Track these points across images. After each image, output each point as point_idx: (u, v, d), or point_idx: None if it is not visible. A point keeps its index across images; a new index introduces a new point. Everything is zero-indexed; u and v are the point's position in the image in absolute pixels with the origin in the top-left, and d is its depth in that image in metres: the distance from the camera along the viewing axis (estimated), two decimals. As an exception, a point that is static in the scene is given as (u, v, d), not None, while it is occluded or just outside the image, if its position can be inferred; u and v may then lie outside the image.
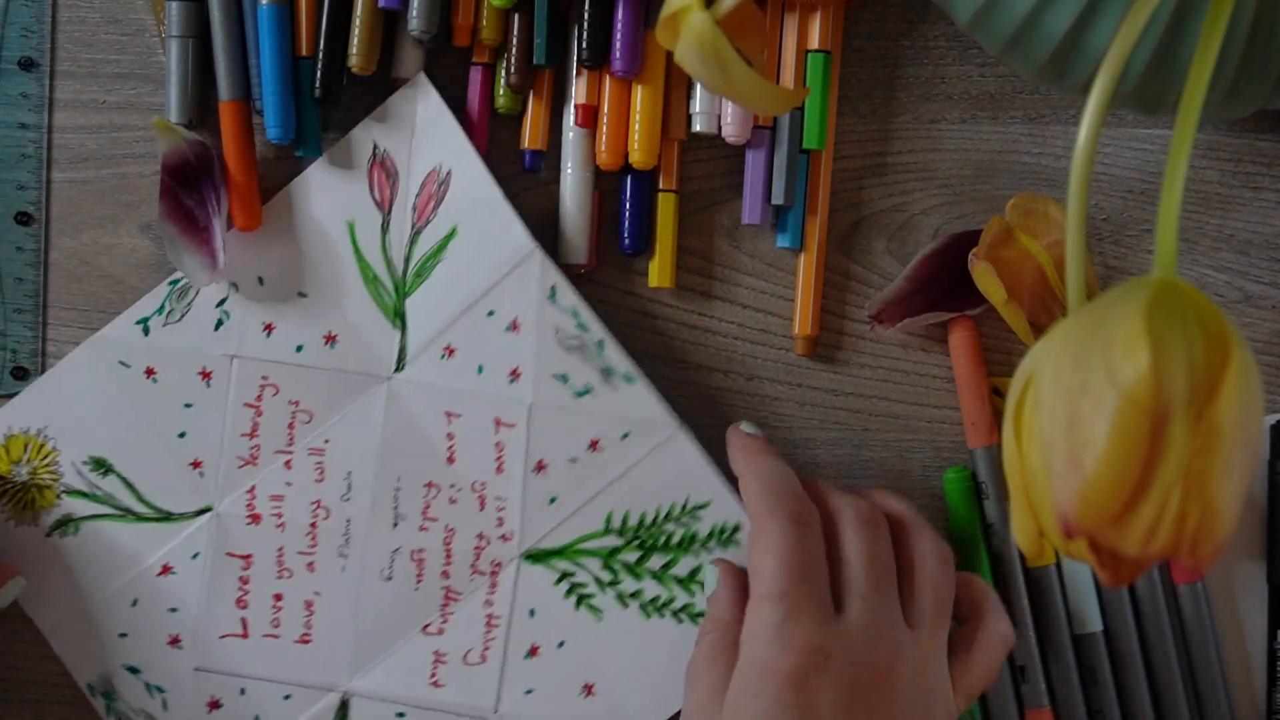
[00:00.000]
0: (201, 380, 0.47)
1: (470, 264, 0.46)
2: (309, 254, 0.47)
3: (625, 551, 0.46)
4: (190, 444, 0.47)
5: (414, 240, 0.46)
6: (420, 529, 0.46)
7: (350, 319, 0.47)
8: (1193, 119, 0.33)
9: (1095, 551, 0.30)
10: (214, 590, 0.46)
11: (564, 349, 0.46)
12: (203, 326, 0.47)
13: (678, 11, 0.37)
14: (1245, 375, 0.29)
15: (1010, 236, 0.47)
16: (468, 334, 0.46)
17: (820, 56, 0.47)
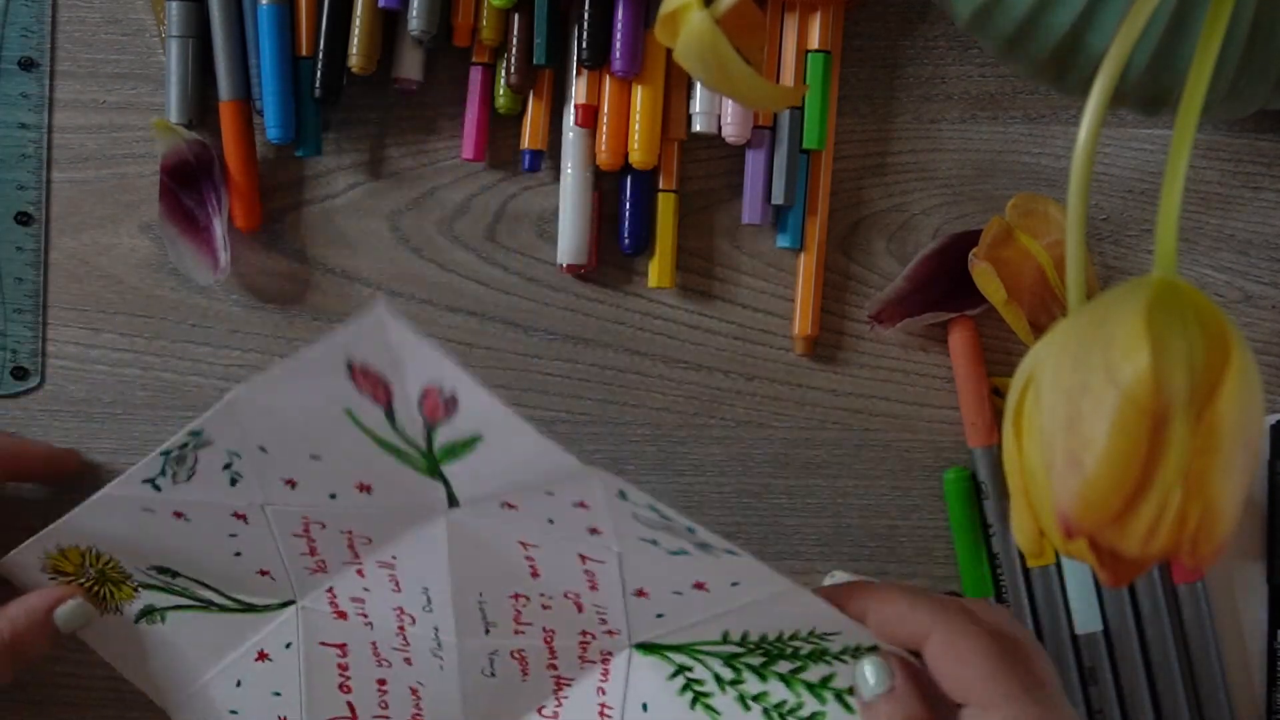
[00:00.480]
0: (238, 520, 0.41)
1: (512, 463, 0.36)
2: (309, 429, 0.37)
3: (749, 656, 0.39)
4: (249, 560, 0.42)
5: (432, 432, 0.36)
6: (516, 633, 0.41)
7: (381, 475, 0.38)
8: (1193, 119, 0.33)
9: (1095, 551, 0.30)
10: (314, 677, 0.44)
11: (649, 526, 0.36)
12: (216, 486, 0.40)
13: (677, 10, 0.37)
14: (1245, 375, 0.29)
15: (1010, 236, 0.47)
16: (529, 500, 0.37)
17: (820, 56, 0.47)
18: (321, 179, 0.49)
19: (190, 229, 0.47)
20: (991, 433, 0.48)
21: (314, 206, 0.49)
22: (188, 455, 0.39)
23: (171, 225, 0.47)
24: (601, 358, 0.49)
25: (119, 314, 0.49)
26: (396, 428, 0.36)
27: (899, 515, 0.49)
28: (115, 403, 0.48)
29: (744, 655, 0.39)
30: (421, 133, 0.49)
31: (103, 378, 0.48)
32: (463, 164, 0.49)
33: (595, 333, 0.49)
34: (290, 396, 0.36)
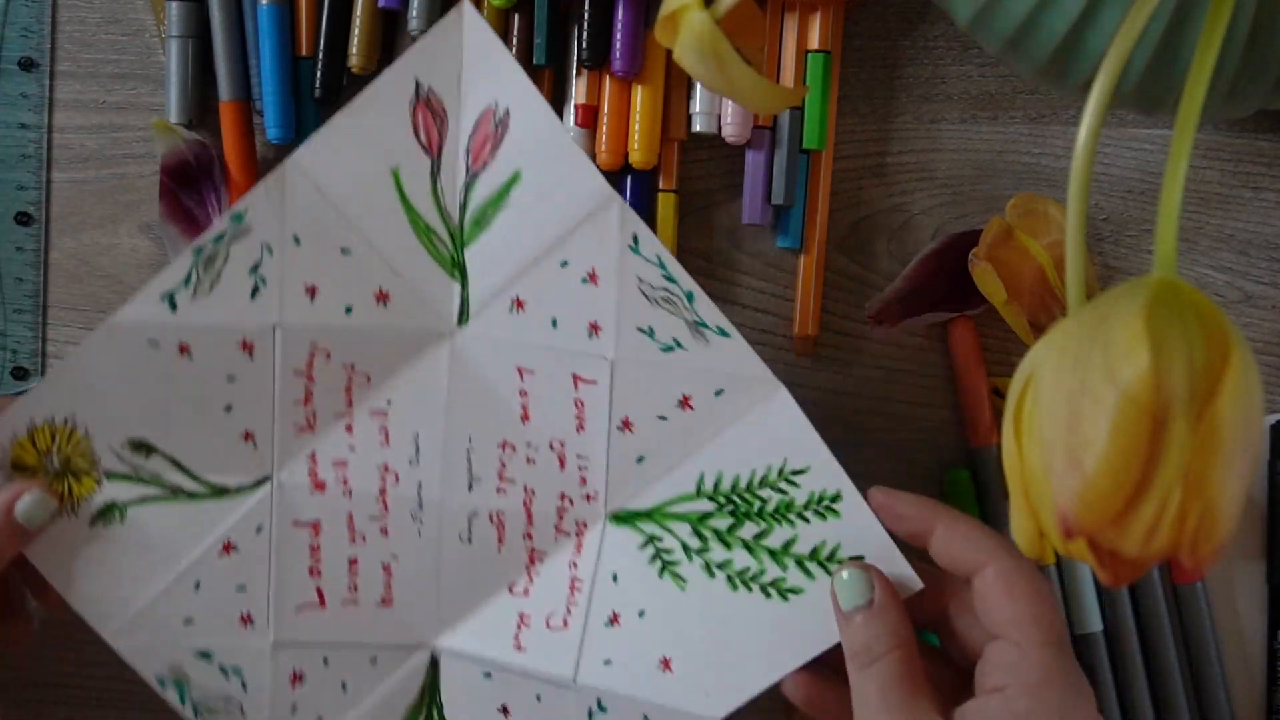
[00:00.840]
0: (243, 353, 0.41)
1: (538, 212, 0.40)
2: (348, 207, 0.41)
3: (716, 517, 0.41)
4: (238, 416, 0.42)
5: (470, 187, 0.41)
6: (498, 491, 0.43)
7: (403, 273, 0.42)
8: (1193, 119, 0.33)
9: (1095, 551, 0.30)
10: (283, 563, 0.43)
11: (649, 301, 0.40)
12: (237, 295, 0.41)
13: (676, 10, 0.37)
14: (1245, 375, 0.29)
15: (1010, 236, 0.47)
16: (539, 286, 0.41)
17: (820, 56, 0.47)
18: (321, 179, 0.49)
19: (190, 229, 0.47)
20: (991, 433, 0.47)
21: (314, 206, 0.49)
22: (220, 251, 0.40)
23: (171, 225, 0.47)
24: (601, 358, 0.49)
25: (119, 313, 0.49)
26: (437, 192, 0.41)
27: (899, 515, 0.49)
28: (115, 403, 0.48)
29: (712, 517, 0.41)
30: (421, 133, 0.49)
31: (103, 378, 0.48)
32: (463, 164, 0.49)
33: (595, 333, 0.49)
34: (344, 156, 0.40)
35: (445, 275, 0.42)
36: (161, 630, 0.43)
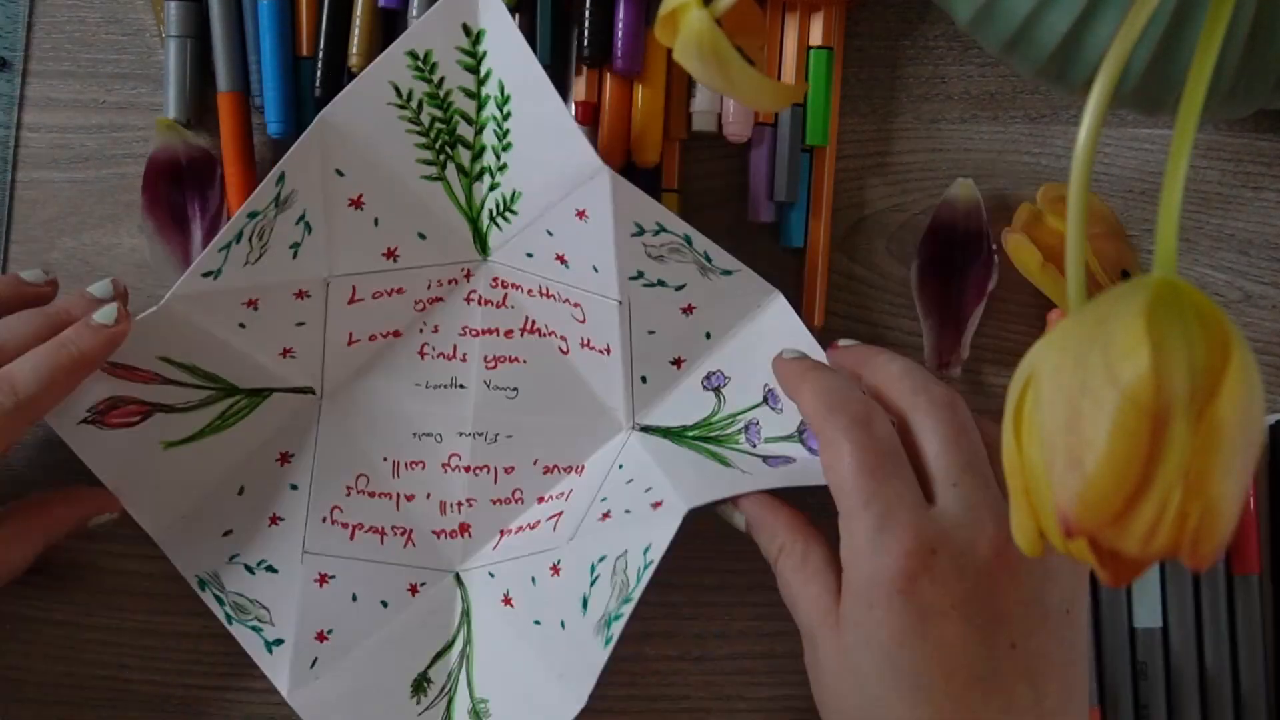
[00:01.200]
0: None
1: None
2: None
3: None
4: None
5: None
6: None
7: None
8: (1193, 119, 0.33)
9: (1095, 551, 0.30)
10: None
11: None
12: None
13: (676, 9, 0.37)
14: (1245, 375, 0.29)
15: (1040, 220, 0.47)
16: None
17: (823, 53, 0.47)
18: (321, 179, 0.49)
19: (168, 227, 0.47)
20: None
21: (314, 206, 0.49)
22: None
23: (150, 220, 0.47)
24: (601, 357, 0.49)
25: (119, 314, 0.49)
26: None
27: (899, 515, 0.49)
28: (115, 402, 0.48)
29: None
30: (421, 132, 0.49)
31: (103, 377, 0.48)
32: (463, 164, 0.49)
33: (595, 332, 0.49)
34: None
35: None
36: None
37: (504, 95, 0.44)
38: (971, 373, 0.49)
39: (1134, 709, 0.48)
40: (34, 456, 0.48)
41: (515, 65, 0.43)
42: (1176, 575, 0.47)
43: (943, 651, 0.37)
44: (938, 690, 0.37)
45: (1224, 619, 0.47)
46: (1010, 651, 0.37)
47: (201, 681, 0.48)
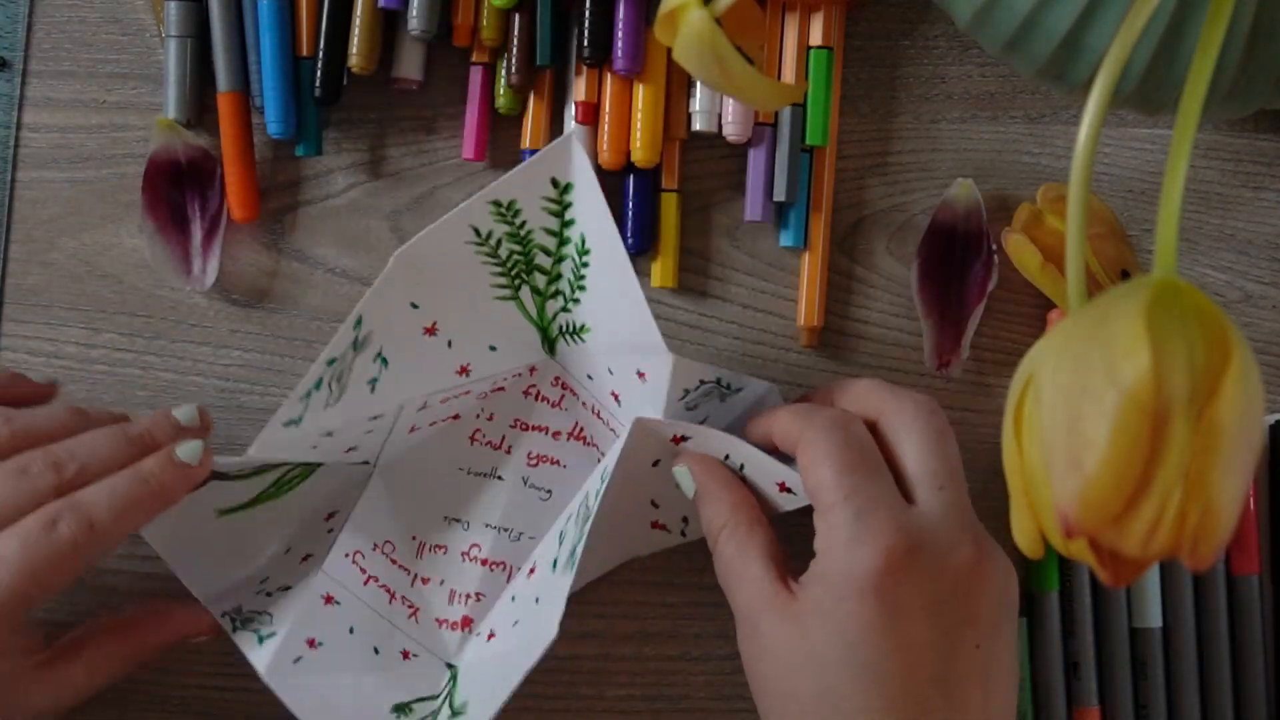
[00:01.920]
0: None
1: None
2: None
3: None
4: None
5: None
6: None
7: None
8: (1193, 119, 0.33)
9: (1096, 551, 0.30)
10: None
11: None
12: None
13: (676, 9, 0.37)
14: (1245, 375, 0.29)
15: (1041, 220, 0.47)
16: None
17: (823, 53, 0.47)
18: (321, 178, 0.49)
19: (169, 227, 0.47)
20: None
21: (314, 206, 0.49)
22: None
23: (150, 220, 0.47)
24: (601, 357, 0.49)
25: (119, 314, 0.49)
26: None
27: (899, 515, 0.49)
28: (115, 403, 0.48)
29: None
30: (421, 133, 0.49)
31: (103, 378, 0.48)
32: (463, 164, 0.49)
33: (595, 332, 0.49)
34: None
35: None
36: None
37: (584, 247, 0.43)
38: (971, 373, 0.49)
39: (1134, 709, 0.48)
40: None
41: (598, 227, 0.42)
42: (1176, 575, 0.47)
43: (907, 650, 0.37)
44: (897, 686, 0.37)
45: (1224, 619, 0.47)
46: (974, 653, 0.38)
47: (202, 681, 0.48)
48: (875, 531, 0.38)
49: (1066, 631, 0.48)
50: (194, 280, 0.47)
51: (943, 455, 0.40)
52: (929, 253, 0.48)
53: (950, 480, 0.39)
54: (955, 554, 0.38)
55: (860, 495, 0.38)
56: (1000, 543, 0.49)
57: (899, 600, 0.37)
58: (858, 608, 0.37)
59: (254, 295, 0.49)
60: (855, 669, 0.37)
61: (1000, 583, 0.39)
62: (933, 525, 0.38)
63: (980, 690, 0.38)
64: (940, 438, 0.40)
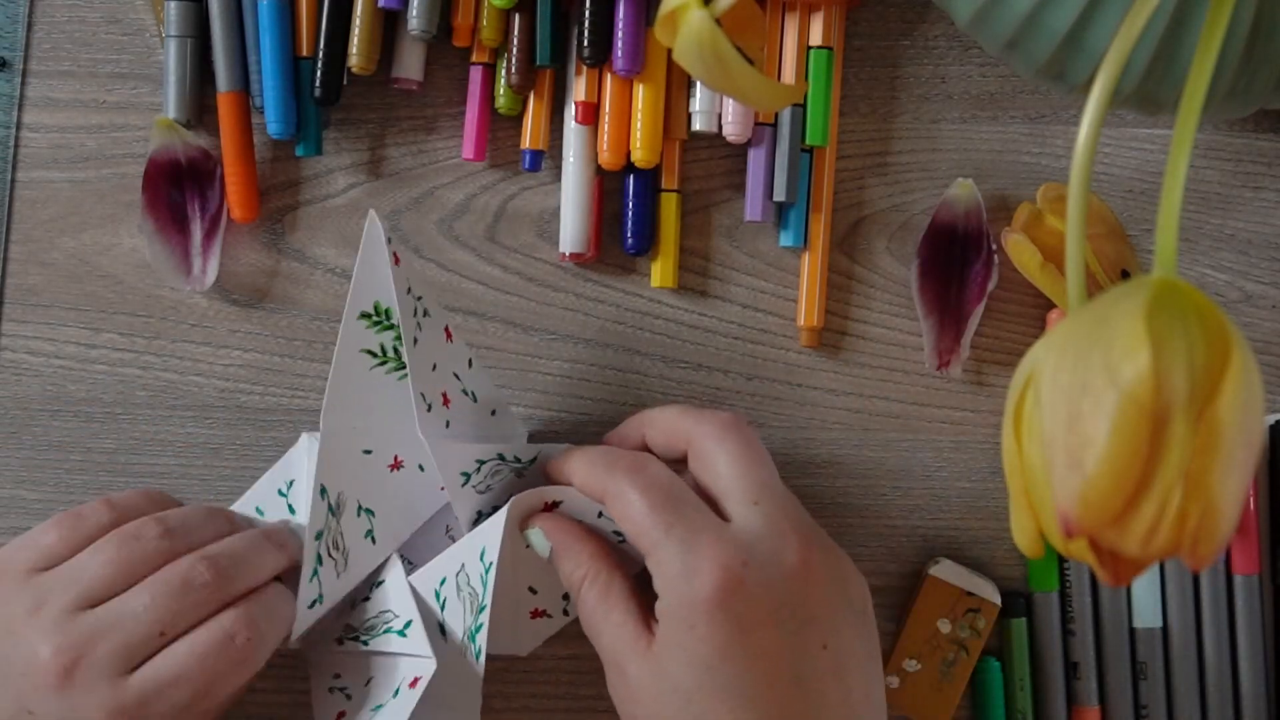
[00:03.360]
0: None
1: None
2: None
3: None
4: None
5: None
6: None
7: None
8: (1193, 119, 0.33)
9: (1096, 551, 0.30)
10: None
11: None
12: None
13: (676, 9, 0.37)
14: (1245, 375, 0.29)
15: (1041, 220, 0.47)
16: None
17: (823, 53, 0.47)
18: (321, 178, 0.49)
19: (168, 227, 0.47)
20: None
21: (314, 206, 0.49)
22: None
23: (150, 220, 0.47)
24: (601, 358, 0.49)
25: (119, 314, 0.49)
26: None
27: (899, 516, 0.49)
28: (115, 403, 0.48)
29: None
30: (421, 133, 0.49)
31: (103, 378, 0.48)
32: (463, 164, 0.49)
33: (595, 333, 0.49)
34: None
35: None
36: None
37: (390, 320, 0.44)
38: (971, 373, 0.49)
39: (1134, 709, 0.48)
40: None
41: (395, 298, 0.42)
42: (1176, 575, 0.47)
43: (763, 660, 0.38)
44: (761, 697, 0.38)
45: (1224, 619, 0.47)
46: (822, 652, 0.39)
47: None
48: (704, 556, 0.39)
49: (1066, 631, 0.48)
50: (194, 280, 0.47)
51: (752, 469, 0.41)
52: (929, 253, 0.48)
53: (763, 493, 0.40)
54: (782, 561, 0.39)
55: (680, 526, 0.39)
56: (1005, 544, 0.49)
57: (743, 615, 0.38)
58: (707, 632, 0.38)
59: (254, 295, 0.49)
60: (718, 691, 0.38)
61: (830, 580, 0.40)
62: (755, 538, 0.39)
63: (837, 686, 0.39)
64: (746, 452, 0.41)
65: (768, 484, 0.41)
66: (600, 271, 0.49)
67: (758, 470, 0.41)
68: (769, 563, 0.39)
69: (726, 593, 0.38)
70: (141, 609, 0.40)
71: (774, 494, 0.40)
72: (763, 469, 0.41)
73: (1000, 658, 0.48)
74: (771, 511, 0.40)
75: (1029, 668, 0.48)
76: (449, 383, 0.44)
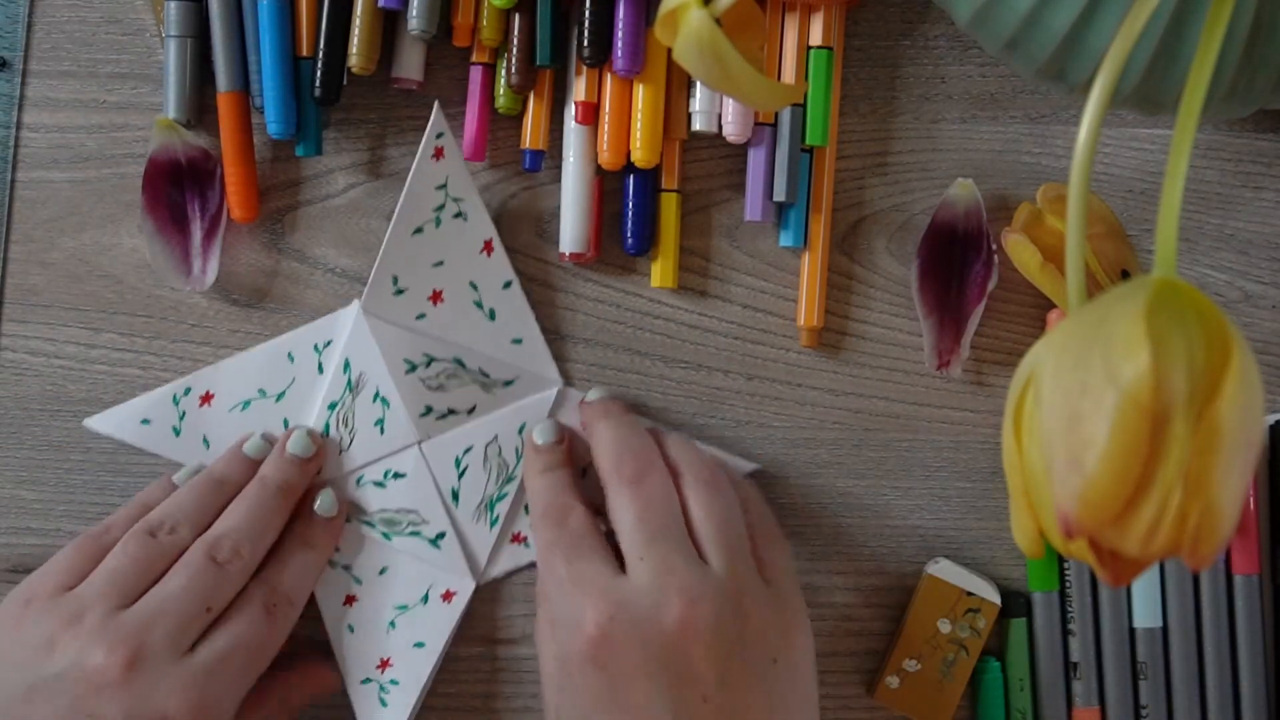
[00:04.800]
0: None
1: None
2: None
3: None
4: None
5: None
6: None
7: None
8: (1193, 119, 0.33)
9: (1096, 551, 0.30)
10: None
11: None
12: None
13: (676, 9, 0.37)
14: (1245, 375, 0.29)
15: (1041, 220, 0.47)
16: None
17: (823, 53, 0.47)
18: (321, 178, 0.49)
19: (167, 228, 0.47)
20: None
21: (313, 206, 0.49)
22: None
23: (150, 220, 0.47)
24: (601, 358, 0.49)
25: (119, 314, 0.49)
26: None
27: (899, 516, 0.49)
28: (115, 403, 0.48)
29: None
30: (421, 133, 0.49)
31: (103, 378, 0.48)
32: (463, 164, 0.49)
33: (595, 333, 0.49)
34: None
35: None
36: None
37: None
38: (971, 373, 0.49)
39: (1134, 709, 0.48)
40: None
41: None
42: (1176, 575, 0.47)
43: (633, 712, 0.39)
44: None
45: (1224, 619, 0.47)
46: (703, 705, 0.39)
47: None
48: (581, 609, 0.40)
49: (1066, 631, 0.48)
50: (194, 280, 0.47)
51: (647, 522, 0.41)
52: (929, 253, 0.48)
53: (651, 547, 0.41)
54: (658, 620, 0.40)
55: (653, 555, 0.41)
56: (1005, 544, 0.49)
57: (615, 668, 0.39)
58: (583, 680, 0.39)
59: (254, 295, 0.49)
60: None
61: (724, 641, 0.40)
62: (635, 593, 0.40)
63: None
64: (646, 504, 0.42)
65: (658, 538, 0.41)
66: (600, 271, 0.49)
67: (653, 524, 0.41)
68: (642, 620, 0.39)
69: (594, 645, 0.39)
70: (180, 590, 0.42)
71: (665, 549, 0.41)
72: (660, 523, 0.42)
73: (1000, 658, 0.48)
74: (658, 568, 0.40)
75: (1029, 668, 0.48)
76: (453, 285, 0.47)
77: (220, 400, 0.48)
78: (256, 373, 0.48)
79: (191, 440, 0.48)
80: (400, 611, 0.47)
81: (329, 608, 0.47)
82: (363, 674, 0.47)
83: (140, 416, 0.48)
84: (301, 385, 0.48)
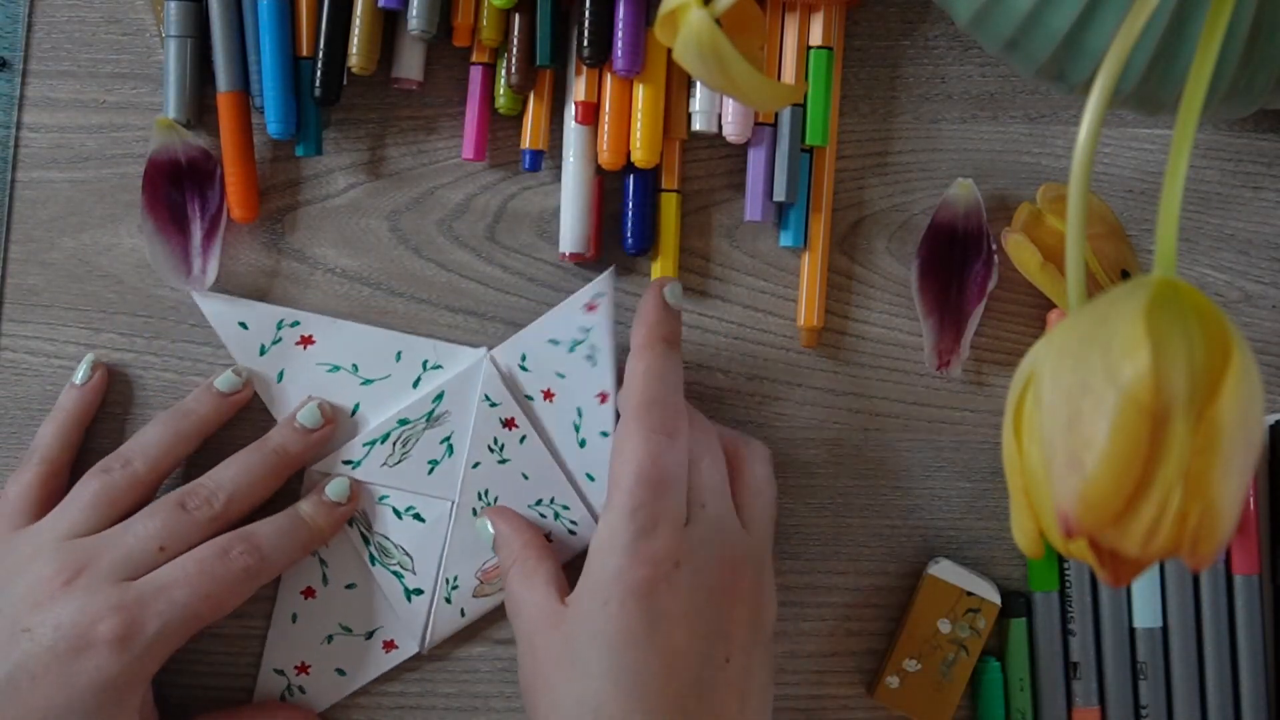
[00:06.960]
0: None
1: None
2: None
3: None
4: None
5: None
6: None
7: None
8: (1193, 119, 0.33)
9: (1096, 551, 0.30)
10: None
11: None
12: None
13: (676, 9, 0.37)
14: (1245, 375, 0.29)
15: (1041, 220, 0.47)
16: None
17: (823, 53, 0.47)
18: (321, 178, 0.49)
19: (167, 228, 0.47)
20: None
21: (314, 206, 0.49)
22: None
23: (150, 220, 0.47)
24: (601, 357, 0.49)
25: (119, 314, 0.49)
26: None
27: (899, 516, 0.49)
28: (115, 403, 0.48)
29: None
30: (421, 133, 0.49)
31: (103, 377, 0.48)
32: (463, 164, 0.49)
33: (595, 332, 0.49)
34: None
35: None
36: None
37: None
38: (971, 373, 0.49)
39: (1134, 709, 0.48)
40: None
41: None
42: (1176, 575, 0.47)
43: (667, 656, 0.39)
44: (656, 691, 0.39)
45: (1224, 619, 0.47)
46: (725, 666, 0.40)
47: (200, 682, 0.48)
48: (648, 545, 0.40)
49: (1066, 631, 0.48)
50: (194, 280, 0.47)
51: (711, 476, 0.42)
52: (929, 253, 0.48)
53: (713, 498, 0.42)
54: (712, 570, 0.40)
55: (645, 512, 0.40)
56: (1005, 544, 0.49)
57: (660, 609, 0.39)
58: (619, 613, 0.39)
59: (254, 295, 0.49)
60: (617, 673, 0.39)
61: (755, 603, 0.41)
62: (698, 542, 0.40)
63: (737, 702, 0.40)
64: (712, 464, 0.43)
65: (718, 491, 0.42)
66: (600, 271, 0.49)
67: (715, 477, 0.42)
68: (700, 569, 0.40)
69: (651, 584, 0.39)
70: (139, 527, 0.43)
71: (725, 505, 0.42)
72: (720, 476, 0.42)
73: (1000, 658, 0.48)
74: (720, 517, 0.42)
75: (1029, 668, 0.48)
76: (564, 398, 0.47)
77: (317, 349, 0.48)
78: (362, 348, 0.48)
79: (270, 365, 0.47)
80: (343, 631, 0.47)
81: (287, 587, 0.47)
82: (280, 664, 0.47)
83: (241, 318, 0.48)
84: (391, 386, 0.48)
